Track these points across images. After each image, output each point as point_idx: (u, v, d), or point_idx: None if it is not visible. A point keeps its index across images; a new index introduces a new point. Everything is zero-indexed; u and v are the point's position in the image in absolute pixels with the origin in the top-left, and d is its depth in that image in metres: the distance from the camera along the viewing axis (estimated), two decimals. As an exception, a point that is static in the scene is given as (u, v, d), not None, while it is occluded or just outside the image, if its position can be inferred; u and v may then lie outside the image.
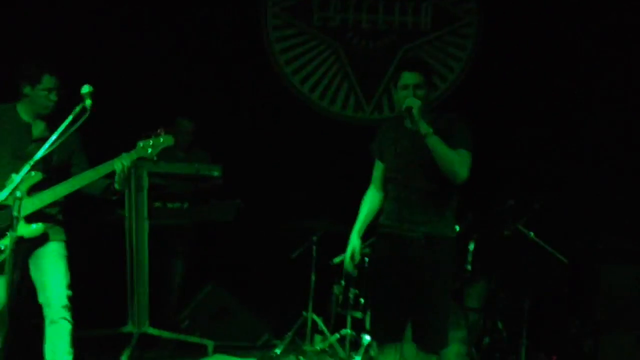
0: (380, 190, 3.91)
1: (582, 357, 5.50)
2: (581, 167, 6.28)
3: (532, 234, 5.29)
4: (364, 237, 3.95)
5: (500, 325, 5.33)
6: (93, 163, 4.09)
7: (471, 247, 5.31)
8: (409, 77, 3.67)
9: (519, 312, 5.26)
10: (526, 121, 6.40)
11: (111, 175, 4.03)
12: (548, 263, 5.37)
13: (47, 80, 4.01)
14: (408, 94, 3.64)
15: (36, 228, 3.93)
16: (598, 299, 5.44)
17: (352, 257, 3.88)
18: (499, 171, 6.13)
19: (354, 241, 3.88)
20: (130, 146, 4.10)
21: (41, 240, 4.00)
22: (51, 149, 3.70)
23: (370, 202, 3.90)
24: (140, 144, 4.05)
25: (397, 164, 3.70)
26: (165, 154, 4.39)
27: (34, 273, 4.04)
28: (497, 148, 6.22)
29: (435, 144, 3.52)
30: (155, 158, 4.10)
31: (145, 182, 5.19)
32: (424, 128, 3.53)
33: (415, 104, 3.57)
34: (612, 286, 5.42)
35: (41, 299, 4.01)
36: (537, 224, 5.38)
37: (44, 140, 3.74)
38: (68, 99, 3.92)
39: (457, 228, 4.96)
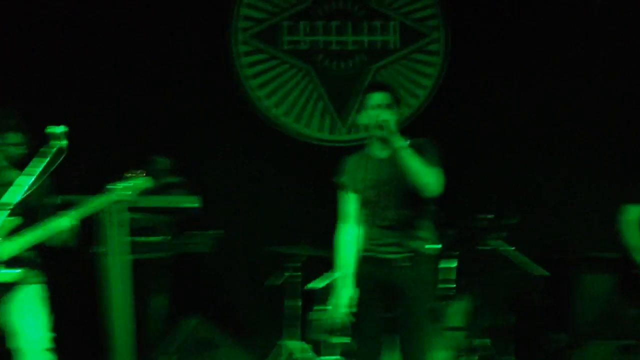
0: (356, 225, 3.84)
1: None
2: (556, 179, 6.39)
3: (511, 248, 5.34)
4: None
5: (484, 342, 5.34)
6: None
7: (450, 264, 5.34)
8: (377, 98, 3.71)
9: (504, 328, 5.29)
10: (499, 135, 6.48)
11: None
12: (529, 277, 5.42)
13: (12, 137, 4.09)
14: (380, 111, 3.66)
15: (17, 273, 3.92)
16: (578, 310, 5.51)
17: (347, 308, 3.75)
18: (476, 187, 6.19)
19: (347, 290, 3.76)
20: (104, 185, 4.10)
21: (18, 284, 3.98)
22: (29, 191, 3.72)
23: (348, 240, 3.83)
24: (119, 186, 4.04)
25: (370, 195, 3.72)
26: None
27: (8, 317, 4.00)
28: (472, 163, 6.30)
29: (409, 156, 3.53)
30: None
31: (126, 217, 5.16)
32: (399, 141, 3.55)
33: (390, 117, 3.60)
34: (590, 296, 5.49)
35: (15, 344, 3.97)
36: (516, 237, 5.43)
37: (11, 183, 3.76)
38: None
39: (438, 246, 5.05)
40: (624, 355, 5.39)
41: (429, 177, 3.55)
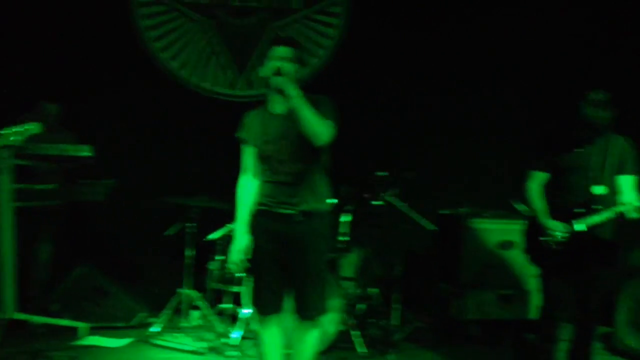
0: (254, 177, 3.93)
1: (450, 317, 5.81)
2: (447, 138, 6.63)
3: (401, 203, 5.50)
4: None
5: (374, 291, 5.51)
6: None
7: (344, 218, 5.46)
8: (279, 51, 3.77)
9: (391, 279, 5.47)
10: (396, 94, 6.64)
11: None
12: (419, 230, 5.61)
13: None
14: (281, 63, 3.72)
15: None
16: (462, 262, 5.74)
17: (243, 255, 3.86)
18: (372, 144, 6.33)
19: (244, 238, 3.88)
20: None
21: None
22: None
23: (248, 192, 3.91)
24: (4, 132, 3.90)
25: (268, 150, 3.80)
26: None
27: None
28: (369, 122, 6.44)
29: (302, 105, 3.61)
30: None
31: (6, 164, 4.99)
32: (293, 90, 3.62)
33: (286, 67, 3.67)
34: (473, 249, 5.73)
35: None
36: (406, 193, 5.60)
37: None
38: None
39: (333, 201, 5.15)
40: (504, 303, 5.70)
41: (319, 126, 3.63)
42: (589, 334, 4.54)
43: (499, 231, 5.77)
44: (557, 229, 4.37)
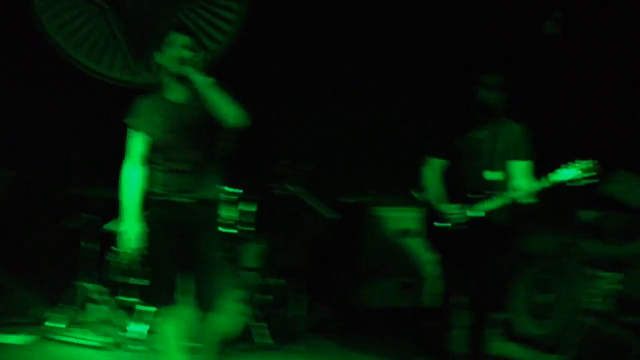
0: (141, 164, 3.88)
1: (352, 306, 5.91)
2: (352, 127, 6.69)
3: (303, 192, 5.52)
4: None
5: (277, 282, 5.53)
6: None
7: (247, 208, 5.42)
8: (180, 39, 3.79)
9: (295, 269, 5.49)
10: (297, 83, 6.63)
11: None
12: (322, 219, 5.66)
13: None
14: (181, 51, 3.75)
15: None
16: (363, 250, 5.84)
17: (134, 244, 3.83)
18: (275, 134, 6.31)
19: (134, 227, 3.82)
20: None
21: None
22: None
23: (135, 178, 3.86)
24: None
25: (167, 139, 3.78)
26: None
27: None
28: (271, 111, 6.41)
29: (210, 88, 3.64)
30: None
31: None
32: (199, 76, 3.65)
33: (189, 55, 3.72)
34: (374, 238, 5.83)
35: None
36: (310, 182, 5.63)
37: None
38: None
39: (236, 190, 5.12)
40: (405, 291, 5.85)
41: (231, 108, 3.65)
42: (485, 320, 4.68)
43: (398, 219, 5.89)
44: (452, 214, 4.45)
